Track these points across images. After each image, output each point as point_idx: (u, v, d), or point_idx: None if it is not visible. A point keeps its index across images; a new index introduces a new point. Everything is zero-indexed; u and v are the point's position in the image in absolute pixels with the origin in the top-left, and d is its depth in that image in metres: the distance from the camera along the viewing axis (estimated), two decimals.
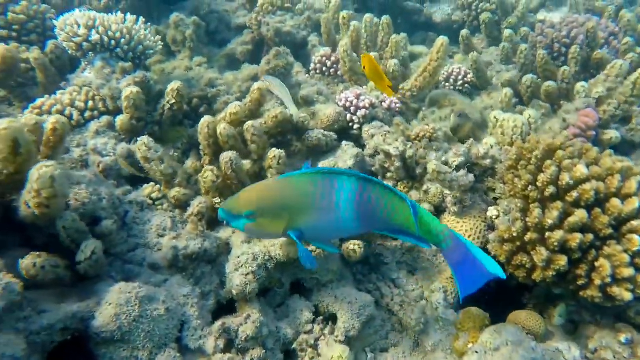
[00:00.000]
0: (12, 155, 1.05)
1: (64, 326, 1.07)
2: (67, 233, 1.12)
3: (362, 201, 1.19)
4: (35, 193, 1.02)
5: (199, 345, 1.22)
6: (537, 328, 1.31)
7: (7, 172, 1.06)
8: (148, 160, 1.41)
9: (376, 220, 1.22)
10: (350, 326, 1.41)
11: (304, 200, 1.20)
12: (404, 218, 1.20)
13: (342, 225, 1.22)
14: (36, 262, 1.05)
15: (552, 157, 1.32)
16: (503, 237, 1.35)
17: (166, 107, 1.60)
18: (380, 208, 1.20)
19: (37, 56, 1.66)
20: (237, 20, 2.65)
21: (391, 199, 1.19)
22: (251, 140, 1.46)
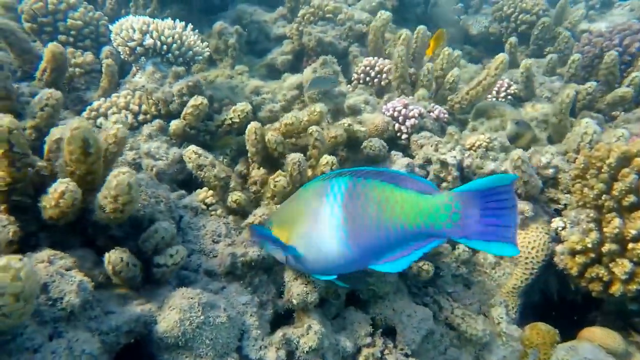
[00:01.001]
0: (83, 155, 1.03)
1: (129, 329, 1.04)
2: (158, 241, 1.11)
3: (351, 202, 0.98)
4: (112, 199, 1.01)
5: (260, 355, 1.17)
6: (616, 346, 1.23)
7: (79, 173, 1.05)
8: (200, 167, 1.39)
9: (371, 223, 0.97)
10: (410, 340, 1.35)
11: (301, 210, 1.08)
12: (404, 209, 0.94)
13: (331, 239, 1.01)
14: (123, 257, 1.04)
15: (628, 164, 1.26)
16: (574, 248, 1.29)
17: (226, 122, 1.59)
18: (371, 205, 0.97)
19: (110, 63, 1.69)
20: (277, 31, 2.66)
21: (387, 191, 0.96)
22: (313, 145, 1.43)
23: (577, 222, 1.35)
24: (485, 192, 0.88)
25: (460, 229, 0.89)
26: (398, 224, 0.95)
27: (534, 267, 1.43)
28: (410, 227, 0.94)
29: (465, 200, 0.89)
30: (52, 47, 1.59)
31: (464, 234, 0.89)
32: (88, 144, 1.03)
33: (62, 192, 1.00)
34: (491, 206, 0.88)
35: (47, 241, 1.14)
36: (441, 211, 0.91)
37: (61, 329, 0.94)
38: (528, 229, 1.47)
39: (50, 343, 0.90)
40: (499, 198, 0.87)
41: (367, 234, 0.98)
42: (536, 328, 1.32)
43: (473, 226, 0.88)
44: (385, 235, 0.96)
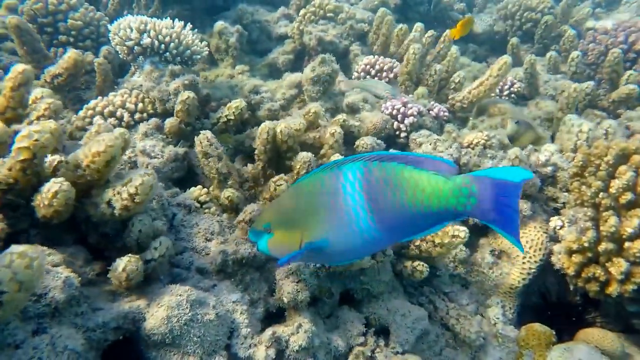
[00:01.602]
0: (105, 167, 1.06)
1: (117, 325, 1.04)
2: (140, 236, 1.10)
3: (371, 186, 0.98)
4: (129, 196, 1.04)
5: (249, 354, 1.17)
6: (613, 348, 1.20)
7: (91, 179, 1.07)
8: (207, 155, 1.38)
9: (394, 206, 0.97)
10: (403, 340, 1.34)
11: (313, 204, 1.03)
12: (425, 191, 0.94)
13: (358, 227, 1.00)
14: (138, 266, 1.06)
15: (626, 162, 1.23)
16: (571, 248, 1.26)
17: (222, 120, 1.59)
18: (393, 188, 0.97)
19: (101, 61, 1.70)
20: (278, 30, 2.66)
21: (405, 173, 0.96)
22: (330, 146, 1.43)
23: (575, 221, 1.32)
24: (501, 184, 0.90)
25: (479, 211, 0.92)
26: (423, 207, 0.95)
27: (531, 267, 1.40)
28: (433, 210, 0.94)
29: (481, 184, 0.91)
30: (74, 54, 1.62)
31: (482, 217, 0.92)
32: (114, 160, 1.07)
33: (55, 192, 1.01)
34: (501, 200, 0.90)
35: (38, 238, 1.14)
36: (459, 194, 0.92)
37: (45, 324, 0.94)
38: (526, 228, 1.45)
39: (33, 339, 0.90)
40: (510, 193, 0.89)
41: (394, 218, 0.98)
42: (532, 329, 1.30)
43: (488, 213, 0.91)
44: (411, 218, 0.97)
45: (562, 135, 1.63)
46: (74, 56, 1.63)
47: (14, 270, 0.73)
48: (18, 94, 1.27)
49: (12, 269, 0.73)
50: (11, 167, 1.04)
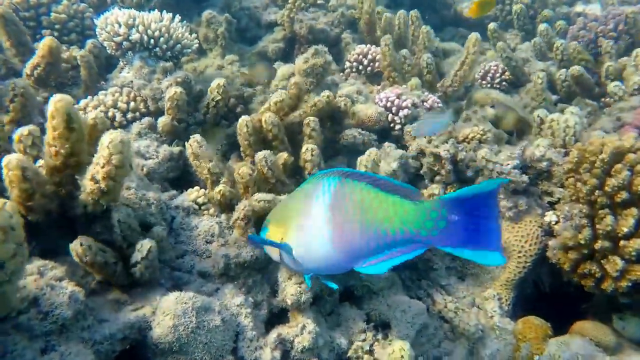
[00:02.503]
0: (67, 130, 1.00)
1: (124, 336, 1.05)
2: (121, 228, 1.08)
3: (337, 200, 0.97)
4: (106, 160, 0.98)
5: (255, 356, 1.18)
6: (607, 340, 1.25)
7: (63, 153, 1.02)
8: (198, 157, 1.37)
9: (354, 224, 0.95)
10: (404, 335, 1.36)
11: (295, 207, 1.07)
12: (388, 213, 0.92)
13: (317, 238, 1.00)
14: (83, 243, 1.03)
15: (621, 160, 1.25)
16: (567, 244, 1.29)
17: (211, 105, 1.57)
18: (356, 206, 0.95)
19: (83, 54, 1.64)
20: (268, 17, 2.60)
21: (372, 194, 0.95)
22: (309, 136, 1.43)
23: (570, 217, 1.35)
24: (471, 198, 0.86)
25: (446, 237, 0.88)
26: (381, 228, 0.93)
27: (527, 261, 1.44)
28: (393, 233, 0.92)
29: (452, 207, 0.87)
30: (48, 41, 1.55)
31: (449, 243, 0.88)
32: (71, 118, 1.00)
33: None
34: (475, 214, 0.86)
35: (37, 250, 1.13)
36: (427, 217, 0.89)
37: (53, 342, 0.93)
38: (521, 222, 1.47)
39: (42, 358, 0.90)
40: (484, 204, 0.85)
41: (350, 236, 0.97)
42: (529, 322, 1.34)
43: (458, 234, 0.86)
44: (368, 239, 0.95)
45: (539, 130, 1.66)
46: (49, 42, 1.55)
47: None
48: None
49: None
50: None
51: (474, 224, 0.85)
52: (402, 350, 1.18)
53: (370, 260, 0.96)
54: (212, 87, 1.60)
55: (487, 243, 0.85)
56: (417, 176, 1.75)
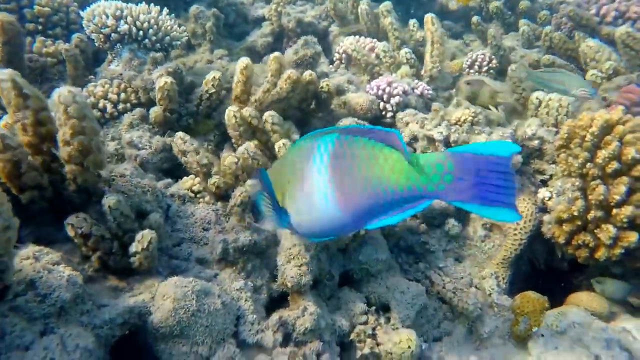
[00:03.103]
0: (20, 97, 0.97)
1: (123, 321, 1.03)
2: (114, 215, 1.07)
3: (338, 160, 0.91)
4: (65, 115, 0.95)
5: (257, 339, 1.17)
6: (601, 309, 1.27)
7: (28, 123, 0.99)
8: (185, 153, 1.37)
9: (358, 183, 0.89)
10: (404, 316, 1.37)
11: (290, 171, 0.99)
12: (394, 168, 0.86)
13: (319, 201, 0.94)
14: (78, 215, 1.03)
15: (610, 132, 1.28)
16: (561, 217, 1.31)
17: (204, 97, 1.56)
18: (360, 163, 0.89)
19: (68, 48, 1.61)
20: (255, 13, 2.61)
21: (376, 149, 0.88)
22: (272, 130, 1.44)
23: (563, 192, 1.37)
24: (481, 158, 0.80)
25: (454, 192, 0.82)
26: (387, 185, 0.87)
27: (522, 238, 1.45)
28: (400, 189, 0.86)
29: (459, 161, 0.81)
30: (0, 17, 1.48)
31: (459, 198, 0.82)
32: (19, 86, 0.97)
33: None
34: (485, 169, 0.80)
35: (31, 237, 1.11)
36: (433, 171, 0.83)
37: (52, 325, 0.92)
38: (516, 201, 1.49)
39: (41, 340, 0.88)
40: (497, 169, 0.80)
41: (357, 196, 0.90)
42: (526, 297, 1.35)
43: (468, 189, 0.81)
44: (375, 197, 0.89)
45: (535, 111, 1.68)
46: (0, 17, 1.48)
47: None
48: None
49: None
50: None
51: (485, 179, 0.80)
52: (410, 340, 1.18)
53: (382, 216, 0.91)
54: (207, 80, 1.60)
55: (500, 199, 0.80)
56: None
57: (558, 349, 1.18)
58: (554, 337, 1.20)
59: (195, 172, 1.43)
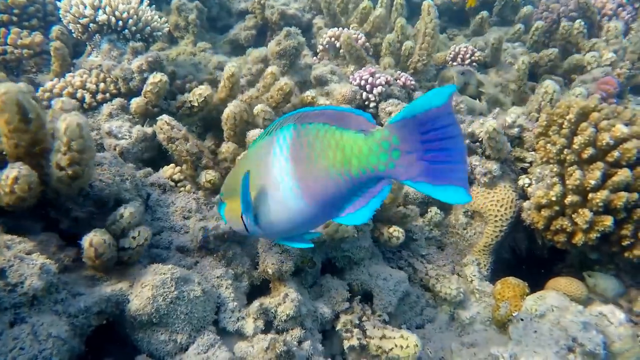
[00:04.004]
0: (22, 123, 0.94)
1: (100, 310, 1.01)
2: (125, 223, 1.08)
3: (297, 150, 0.86)
4: (66, 147, 0.94)
5: (238, 327, 1.17)
6: (579, 293, 1.28)
7: (24, 145, 0.97)
8: (172, 139, 1.34)
9: (319, 172, 0.85)
10: (387, 302, 1.38)
11: (248, 169, 0.93)
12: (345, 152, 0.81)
13: (284, 196, 0.89)
14: (105, 239, 1.01)
15: (586, 119, 1.30)
16: (540, 203, 1.33)
17: (186, 105, 1.54)
18: (317, 151, 0.84)
19: (59, 46, 1.59)
20: (238, 6, 2.59)
21: (329, 135, 0.83)
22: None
23: (542, 178, 1.39)
24: (421, 117, 0.72)
25: (404, 169, 0.75)
26: (343, 170, 0.82)
27: (503, 225, 1.47)
28: (355, 173, 0.81)
29: (402, 131, 0.74)
30: None
31: (408, 175, 0.75)
32: (24, 109, 0.94)
33: (14, 178, 0.94)
34: (432, 137, 0.72)
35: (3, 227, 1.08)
36: (380, 149, 0.77)
37: (23, 314, 0.90)
38: (496, 188, 1.51)
39: (11, 329, 0.86)
40: (438, 124, 0.71)
41: (318, 185, 0.86)
42: (507, 282, 1.37)
43: (416, 165, 0.74)
44: (335, 184, 0.84)
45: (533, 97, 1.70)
46: None
47: None
48: None
49: None
50: None
51: (431, 150, 0.73)
52: (416, 346, 1.18)
53: (347, 208, 0.86)
54: (195, 91, 1.54)
55: (449, 175, 0.73)
56: None
57: (537, 332, 1.20)
58: (534, 320, 1.21)
59: (184, 160, 1.40)
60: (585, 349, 1.11)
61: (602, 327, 1.22)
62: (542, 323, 1.20)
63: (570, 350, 1.13)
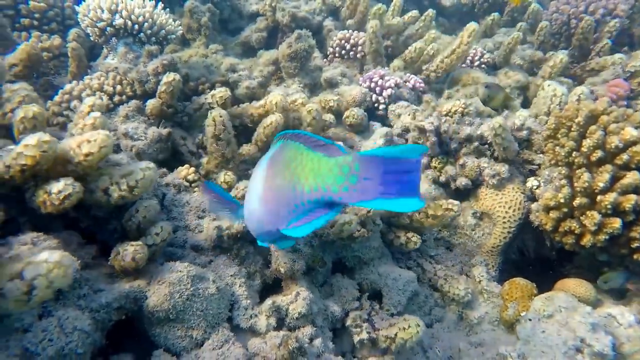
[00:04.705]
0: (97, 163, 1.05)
1: (119, 305, 1.05)
2: (143, 222, 1.11)
3: (272, 162, 0.93)
4: (128, 188, 1.04)
5: (251, 324, 1.20)
6: (588, 295, 1.30)
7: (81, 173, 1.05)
8: (219, 139, 1.38)
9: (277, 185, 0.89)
10: (396, 302, 1.40)
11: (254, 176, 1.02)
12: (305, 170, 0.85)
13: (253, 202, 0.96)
14: (145, 252, 1.07)
15: (595, 122, 1.31)
16: (548, 204, 1.34)
17: (205, 107, 1.58)
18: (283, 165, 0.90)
19: (75, 47, 1.64)
20: (250, 8, 2.62)
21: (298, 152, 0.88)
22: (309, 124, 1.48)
23: (550, 180, 1.40)
24: (390, 161, 0.77)
25: (358, 193, 0.79)
26: (297, 185, 0.86)
27: (511, 226, 1.49)
28: (307, 190, 0.85)
29: (367, 162, 0.79)
30: (27, 47, 1.58)
31: (362, 198, 0.79)
32: (106, 156, 1.04)
33: (68, 194, 0.98)
34: (393, 174, 0.77)
35: (28, 226, 1.13)
36: (339, 172, 0.81)
37: (50, 308, 0.94)
38: (504, 190, 1.52)
39: (40, 322, 0.91)
40: (404, 168, 0.77)
41: (274, 195, 0.91)
42: (514, 283, 1.38)
43: (372, 189, 0.78)
44: (287, 196, 0.88)
45: (539, 100, 1.71)
46: (27, 49, 1.58)
47: (50, 279, 0.74)
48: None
49: (49, 278, 0.74)
50: (10, 165, 1.01)
51: (390, 179, 0.78)
52: (418, 325, 1.21)
53: (293, 222, 0.88)
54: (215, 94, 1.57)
55: (404, 191, 0.77)
56: None
57: (545, 332, 1.21)
58: (542, 321, 1.23)
59: (214, 157, 1.44)
60: (593, 349, 1.12)
61: (611, 328, 1.23)
62: (550, 323, 1.22)
63: (579, 351, 1.14)
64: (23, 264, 0.75)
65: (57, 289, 0.77)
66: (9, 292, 0.73)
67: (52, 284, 0.74)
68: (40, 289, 0.73)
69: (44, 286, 0.73)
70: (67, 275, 0.75)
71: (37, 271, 0.73)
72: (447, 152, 1.64)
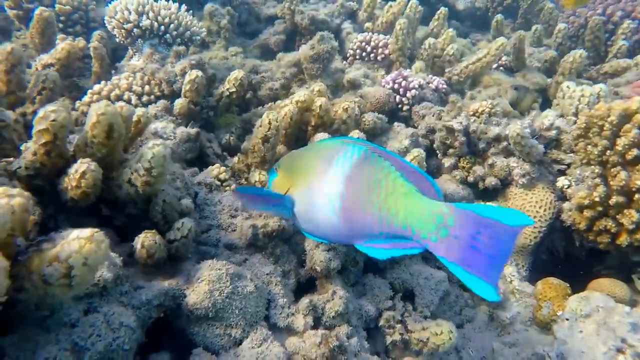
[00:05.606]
0: (107, 139, 1.02)
1: (159, 303, 1.05)
2: (165, 207, 1.09)
3: (355, 172, 0.91)
4: (146, 171, 1.01)
5: (288, 323, 1.19)
6: (623, 295, 1.29)
7: (100, 155, 1.04)
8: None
9: (362, 201, 0.89)
10: (428, 301, 1.39)
11: (310, 163, 1.00)
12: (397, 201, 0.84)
13: (323, 203, 0.95)
14: (156, 240, 1.05)
15: (629, 121, 1.31)
16: (582, 203, 1.34)
17: (224, 94, 1.58)
18: (369, 184, 0.89)
19: (97, 46, 1.65)
20: (267, 11, 2.64)
21: (390, 177, 0.88)
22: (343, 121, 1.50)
23: (582, 179, 1.40)
24: (487, 221, 0.74)
25: (444, 248, 0.77)
26: (387, 216, 0.86)
27: (542, 226, 1.48)
28: (396, 225, 0.84)
29: (462, 218, 0.76)
30: (67, 45, 1.60)
31: (444, 255, 0.77)
32: (112, 129, 1.02)
33: (83, 173, 0.99)
34: (485, 240, 0.74)
35: (65, 223, 1.12)
36: (432, 221, 0.79)
37: (95, 304, 0.94)
38: (534, 189, 1.52)
39: (86, 317, 0.90)
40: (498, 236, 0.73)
41: (357, 214, 0.91)
42: (548, 282, 1.38)
43: (457, 250, 0.75)
44: (372, 221, 0.88)
45: (561, 100, 1.71)
46: (67, 47, 1.58)
47: (84, 254, 0.73)
48: (14, 75, 1.24)
49: (83, 253, 0.73)
50: (35, 151, 1.01)
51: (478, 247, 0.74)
52: (451, 332, 1.20)
53: (372, 243, 0.90)
54: (230, 79, 1.61)
55: (485, 273, 0.73)
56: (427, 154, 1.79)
57: (583, 332, 1.20)
58: (579, 320, 1.22)
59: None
60: (636, 350, 1.11)
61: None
62: (587, 323, 1.21)
63: (620, 352, 1.13)
64: (59, 247, 0.74)
65: (94, 267, 0.74)
66: (50, 276, 0.72)
67: (87, 260, 0.72)
68: (78, 268, 0.71)
69: (80, 263, 0.71)
70: (100, 249, 0.73)
71: (71, 249, 0.72)
72: (474, 152, 1.64)
